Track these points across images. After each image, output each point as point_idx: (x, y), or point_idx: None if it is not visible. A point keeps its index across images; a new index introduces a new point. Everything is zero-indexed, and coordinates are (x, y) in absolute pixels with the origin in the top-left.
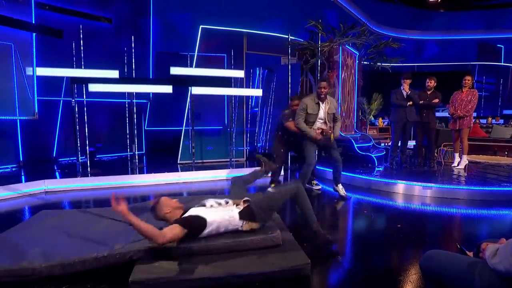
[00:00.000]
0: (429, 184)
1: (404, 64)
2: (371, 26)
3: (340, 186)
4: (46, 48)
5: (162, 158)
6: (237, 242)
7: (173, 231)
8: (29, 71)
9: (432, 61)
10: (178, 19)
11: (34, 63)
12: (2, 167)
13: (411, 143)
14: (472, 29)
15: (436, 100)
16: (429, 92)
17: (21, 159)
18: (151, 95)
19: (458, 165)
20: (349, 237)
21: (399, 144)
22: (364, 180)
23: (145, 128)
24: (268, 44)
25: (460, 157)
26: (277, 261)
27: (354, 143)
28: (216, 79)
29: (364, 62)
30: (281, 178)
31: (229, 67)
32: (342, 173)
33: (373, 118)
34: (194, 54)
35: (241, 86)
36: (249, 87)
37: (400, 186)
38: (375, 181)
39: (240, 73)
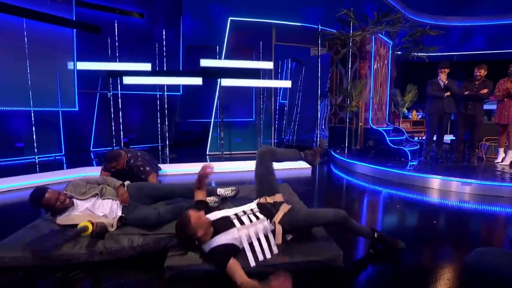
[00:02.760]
0: (469, 180)
1: (441, 54)
2: (407, 14)
3: None
4: (85, 43)
5: (191, 149)
6: None
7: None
8: (70, 65)
9: (475, 49)
10: (208, 12)
11: (75, 57)
12: (46, 155)
13: (448, 138)
14: None
15: (485, 91)
16: (477, 82)
17: (63, 148)
18: (181, 88)
19: (502, 161)
20: (380, 230)
21: (435, 138)
22: (396, 174)
23: (175, 120)
24: (297, 35)
25: (505, 152)
26: (308, 251)
27: (386, 136)
28: (245, 70)
29: (398, 52)
30: None
31: (257, 59)
32: (372, 166)
33: (406, 111)
34: (223, 47)
35: (270, 78)
36: (278, 79)
37: (436, 182)
38: (408, 176)
39: (269, 65)
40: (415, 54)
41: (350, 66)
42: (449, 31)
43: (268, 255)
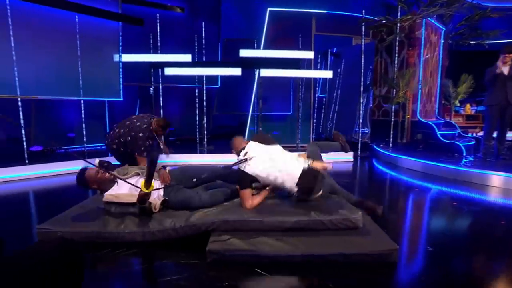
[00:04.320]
0: None
1: (504, 41)
2: None
3: None
4: (129, 38)
5: (227, 142)
6: (314, 220)
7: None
8: (116, 57)
9: None
10: (247, 4)
11: (120, 50)
12: (94, 145)
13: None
14: None
15: None
16: None
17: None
18: (219, 81)
19: None
20: (438, 228)
21: (496, 133)
22: (450, 170)
23: (213, 113)
24: (338, 25)
25: None
26: (361, 244)
27: (437, 130)
28: (284, 61)
29: (450, 42)
30: None
31: (296, 50)
32: (422, 161)
33: (458, 104)
34: (262, 39)
35: (309, 69)
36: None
37: (497, 179)
38: (465, 172)
39: (309, 54)
40: (472, 41)
41: (397, 55)
42: None
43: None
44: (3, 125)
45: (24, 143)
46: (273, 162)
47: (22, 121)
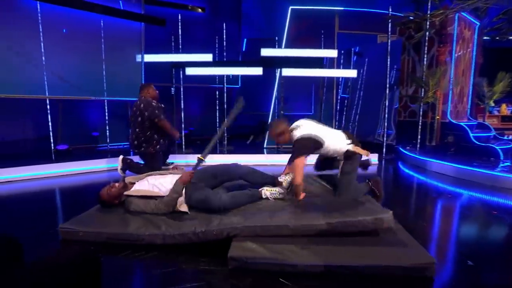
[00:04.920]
0: None
1: None
2: None
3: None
4: (151, 39)
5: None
6: (343, 222)
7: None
8: (138, 58)
9: None
10: (269, 2)
11: (143, 50)
12: (117, 144)
13: None
14: None
15: None
16: None
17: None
18: (239, 81)
19: None
20: (477, 240)
21: None
22: (487, 176)
23: None
24: (363, 22)
25: None
26: (394, 255)
27: (469, 132)
28: (306, 59)
29: (485, 37)
30: None
31: (318, 49)
32: (454, 165)
33: (493, 104)
34: (283, 38)
35: (332, 68)
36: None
37: None
38: (504, 178)
39: (332, 53)
40: (510, 36)
41: (426, 52)
42: None
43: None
44: (34, 124)
45: (51, 142)
46: (324, 132)
47: (50, 121)
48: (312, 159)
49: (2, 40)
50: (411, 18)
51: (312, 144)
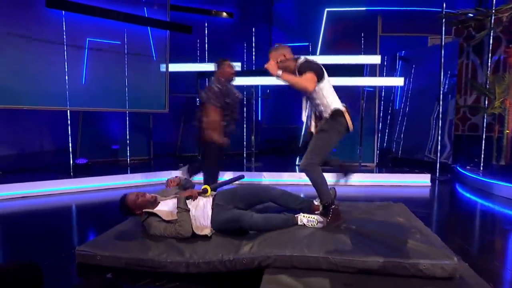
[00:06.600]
0: None
1: None
2: None
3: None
4: (176, 45)
5: (276, 157)
6: (393, 263)
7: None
8: (162, 67)
9: None
10: (302, 5)
11: (168, 59)
12: (136, 158)
13: None
14: None
15: None
16: None
17: (152, 151)
18: (268, 91)
19: None
20: None
21: None
22: None
23: (261, 126)
24: (410, 23)
25: None
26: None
27: None
28: (345, 67)
29: None
30: None
31: (358, 54)
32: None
33: None
34: (318, 43)
35: (373, 76)
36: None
37: None
38: None
39: (375, 59)
40: None
41: (490, 54)
42: None
43: None
44: (52, 136)
45: (71, 156)
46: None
47: (70, 133)
48: None
49: (28, 53)
50: (471, 15)
51: (319, 66)
